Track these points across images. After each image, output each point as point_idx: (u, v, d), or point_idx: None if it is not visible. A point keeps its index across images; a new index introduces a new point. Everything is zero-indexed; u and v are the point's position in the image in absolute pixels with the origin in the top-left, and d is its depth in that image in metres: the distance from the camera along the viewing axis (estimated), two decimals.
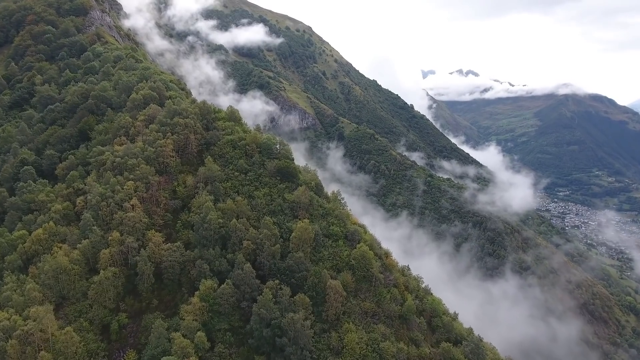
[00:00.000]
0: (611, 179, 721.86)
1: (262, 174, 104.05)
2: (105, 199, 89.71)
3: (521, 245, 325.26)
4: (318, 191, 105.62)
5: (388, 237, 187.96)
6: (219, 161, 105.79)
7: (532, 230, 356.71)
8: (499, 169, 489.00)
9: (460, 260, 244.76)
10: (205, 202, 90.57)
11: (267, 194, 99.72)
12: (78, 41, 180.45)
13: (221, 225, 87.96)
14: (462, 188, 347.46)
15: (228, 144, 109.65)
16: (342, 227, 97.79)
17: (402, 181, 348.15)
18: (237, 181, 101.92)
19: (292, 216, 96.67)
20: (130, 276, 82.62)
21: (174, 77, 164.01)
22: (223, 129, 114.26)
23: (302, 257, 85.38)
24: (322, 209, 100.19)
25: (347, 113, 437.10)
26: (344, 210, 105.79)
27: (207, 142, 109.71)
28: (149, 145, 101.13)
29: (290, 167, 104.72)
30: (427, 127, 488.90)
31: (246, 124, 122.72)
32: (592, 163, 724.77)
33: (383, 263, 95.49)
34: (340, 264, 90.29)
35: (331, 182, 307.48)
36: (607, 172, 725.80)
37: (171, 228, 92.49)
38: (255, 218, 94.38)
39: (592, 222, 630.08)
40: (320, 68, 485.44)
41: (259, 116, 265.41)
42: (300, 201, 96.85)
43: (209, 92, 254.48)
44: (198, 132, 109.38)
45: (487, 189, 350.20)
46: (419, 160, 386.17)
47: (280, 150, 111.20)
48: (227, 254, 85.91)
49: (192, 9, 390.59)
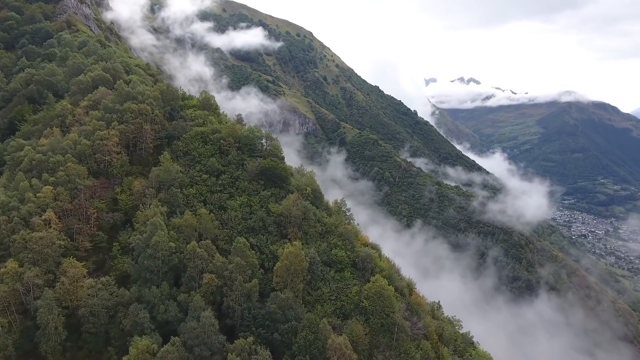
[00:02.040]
0: (617, 187, 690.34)
1: (240, 177, 74.50)
2: (7, 212, 60.14)
3: (537, 258, 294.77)
4: (316, 200, 75.90)
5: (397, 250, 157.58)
6: (182, 160, 76.33)
7: (547, 241, 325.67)
8: (505, 177, 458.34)
9: (481, 278, 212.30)
10: (152, 215, 60.99)
11: (245, 204, 70.00)
12: (43, 28, 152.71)
13: (173, 251, 58.28)
14: (472, 196, 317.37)
15: (197, 137, 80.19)
16: (348, 250, 67.92)
17: (407, 189, 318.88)
18: (206, 186, 72.25)
19: (279, 235, 66.92)
20: (30, 329, 52.75)
21: (142, 62, 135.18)
22: (192, 118, 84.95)
23: (290, 298, 55.48)
24: (321, 225, 70.41)
25: (349, 118, 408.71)
26: (351, 225, 75.86)
27: (169, 135, 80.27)
28: (85, 138, 71.80)
29: (279, 167, 75.18)
30: (431, 133, 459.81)
31: (225, 115, 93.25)
32: (597, 171, 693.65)
33: (408, 303, 65.37)
34: (348, 306, 60.21)
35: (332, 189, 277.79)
36: (613, 180, 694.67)
37: (105, 254, 62.67)
38: (227, 239, 64.71)
39: (599, 231, 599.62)
40: (321, 73, 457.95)
41: (253, 115, 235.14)
42: (291, 214, 67.24)
43: (199, 90, 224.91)
44: (157, 121, 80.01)
45: (498, 197, 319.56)
46: (424, 167, 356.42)
47: (266, 146, 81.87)
48: (180, 293, 56.03)
49: (188, 10, 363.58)
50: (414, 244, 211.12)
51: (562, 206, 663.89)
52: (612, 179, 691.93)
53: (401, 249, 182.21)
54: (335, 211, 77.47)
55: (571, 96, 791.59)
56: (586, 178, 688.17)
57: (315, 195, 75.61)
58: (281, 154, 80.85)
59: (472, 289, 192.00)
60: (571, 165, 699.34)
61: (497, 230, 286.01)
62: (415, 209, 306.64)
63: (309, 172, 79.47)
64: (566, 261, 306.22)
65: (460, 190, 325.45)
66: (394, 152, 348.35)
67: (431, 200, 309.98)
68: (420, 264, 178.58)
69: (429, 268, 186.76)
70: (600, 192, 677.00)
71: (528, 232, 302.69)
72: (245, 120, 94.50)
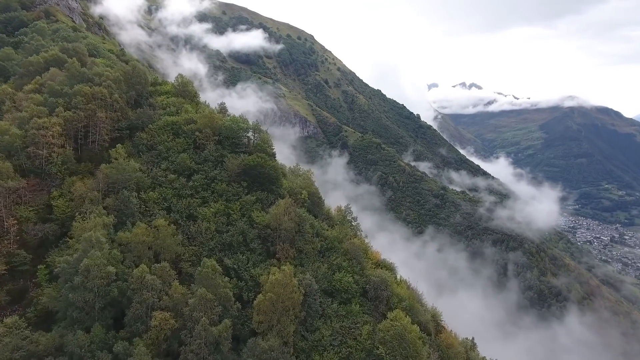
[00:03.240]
0: (621, 193, 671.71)
1: (217, 178, 57.23)
2: None
3: (550, 267, 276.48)
4: (314, 207, 58.42)
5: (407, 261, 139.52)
6: (145, 155, 59.07)
7: (558, 249, 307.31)
8: (511, 182, 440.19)
9: (503, 293, 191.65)
10: (91, 228, 43.71)
11: (222, 213, 52.53)
12: (17, 17, 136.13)
13: (113, 279, 40.91)
14: (479, 202, 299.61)
15: (166, 129, 63.03)
16: (356, 273, 50.35)
17: (412, 194, 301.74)
18: (172, 189, 54.89)
19: (265, 254, 49.40)
20: None
21: (117, 48, 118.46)
22: (164, 106, 67.88)
23: (276, 347, 38.03)
24: (321, 240, 52.90)
25: (350, 122, 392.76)
26: (359, 239, 58.21)
27: (131, 126, 63.03)
28: (16, 127, 54.68)
29: (267, 166, 57.88)
30: (434, 137, 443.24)
31: (207, 105, 75.98)
32: (601, 176, 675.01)
33: (437, 345, 47.66)
34: (357, 354, 42.62)
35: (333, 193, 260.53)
36: (617, 185, 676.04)
37: (27, 280, 45.38)
38: (194, 259, 47.32)
39: (604, 237, 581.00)
40: (323, 76, 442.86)
41: (250, 114, 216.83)
42: (281, 226, 49.75)
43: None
44: (117, 108, 62.88)
45: (506, 203, 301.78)
46: (428, 172, 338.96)
47: (254, 139, 64.69)
48: (118, 340, 38.60)
49: (186, 12, 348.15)
50: (424, 253, 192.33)
51: (566, 212, 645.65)
52: (616, 185, 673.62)
53: (410, 260, 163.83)
54: (338, 221, 60.00)
55: (574, 101, 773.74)
56: (590, 183, 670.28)
57: (313, 200, 58.25)
58: (271, 150, 63.53)
59: (493, 306, 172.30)
60: (575, 170, 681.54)
61: (506, 238, 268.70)
62: (420, 214, 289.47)
63: (306, 172, 62.00)
64: (580, 271, 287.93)
65: (466, 196, 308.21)
66: (397, 156, 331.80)
67: (436, 206, 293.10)
68: (432, 276, 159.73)
69: (444, 281, 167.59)
70: (605, 198, 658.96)
71: (539, 240, 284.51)
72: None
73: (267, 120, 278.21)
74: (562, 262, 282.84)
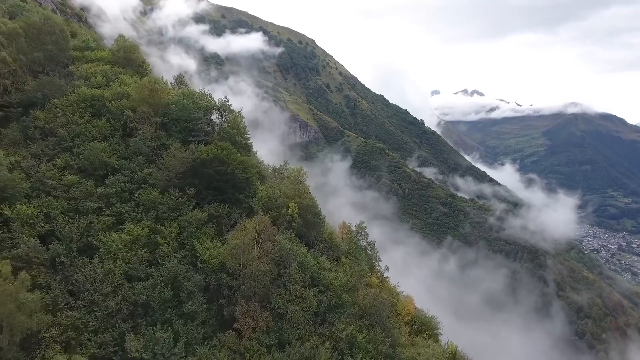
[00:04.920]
0: (628, 200, 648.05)
1: (147, 181, 33.95)
2: None
3: (567, 279, 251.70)
4: (308, 230, 34.61)
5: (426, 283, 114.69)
6: (38, 145, 35.79)
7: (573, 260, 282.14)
8: (518, 189, 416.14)
9: (549, 323, 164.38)
10: None
11: (143, 242, 29.05)
12: None
13: None
14: (490, 210, 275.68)
15: (81, 105, 39.79)
16: (383, 355, 26.64)
17: (418, 201, 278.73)
18: (67, 201, 31.60)
19: (213, 324, 25.73)
20: None
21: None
22: (87, 76, 44.54)
23: None
24: (320, 292, 29.18)
25: (353, 127, 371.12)
26: (383, 281, 34.26)
27: (25, 102, 39.76)
28: None
29: (232, 161, 34.56)
30: (439, 143, 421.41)
31: (162, 78, 51.93)
32: (607, 183, 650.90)
33: None
34: None
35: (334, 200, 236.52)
36: (623, 192, 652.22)
37: None
38: (73, 338, 23.76)
39: (611, 245, 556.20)
40: (324, 81, 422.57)
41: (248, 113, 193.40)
42: (248, 268, 26.27)
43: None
44: (6, 75, 39.78)
45: (518, 210, 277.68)
46: (433, 178, 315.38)
47: (222, 122, 41.46)
48: None
49: (182, 14, 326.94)
50: (443, 271, 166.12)
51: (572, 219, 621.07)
52: (622, 192, 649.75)
53: (429, 280, 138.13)
54: (347, 250, 36.21)
55: (577, 108, 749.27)
56: (595, 191, 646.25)
57: (306, 219, 34.44)
58: (244, 139, 40.12)
59: (538, 337, 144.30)
60: (579, 177, 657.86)
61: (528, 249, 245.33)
62: (427, 223, 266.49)
63: (295, 170, 38.05)
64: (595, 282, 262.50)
65: (476, 204, 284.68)
66: (402, 162, 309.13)
67: (445, 214, 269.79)
68: (457, 301, 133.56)
69: (473, 309, 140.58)
70: (611, 205, 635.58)
71: (555, 251, 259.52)
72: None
73: (264, 124, 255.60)
74: (580, 274, 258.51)
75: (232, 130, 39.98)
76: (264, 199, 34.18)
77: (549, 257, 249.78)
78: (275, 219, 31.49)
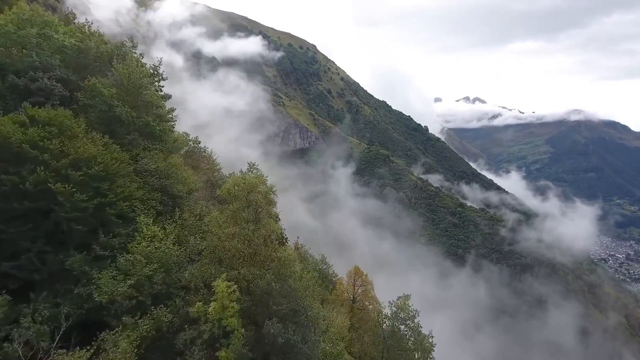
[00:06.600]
0: (634, 208, 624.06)
1: None
2: None
3: (587, 295, 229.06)
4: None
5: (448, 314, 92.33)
6: None
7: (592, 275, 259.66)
8: (526, 197, 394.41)
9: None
10: None
11: None
12: None
13: None
14: (502, 221, 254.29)
15: None
16: None
17: (425, 211, 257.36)
18: None
19: None
20: None
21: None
22: None
23: None
24: None
25: (355, 133, 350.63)
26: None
27: None
28: None
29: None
30: (444, 150, 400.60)
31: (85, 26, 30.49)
32: (612, 191, 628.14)
33: None
34: None
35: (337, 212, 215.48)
36: (629, 200, 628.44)
37: None
38: None
39: (619, 254, 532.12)
40: (326, 86, 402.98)
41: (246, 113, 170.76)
42: None
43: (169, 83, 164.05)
44: None
45: (532, 221, 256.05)
46: (439, 185, 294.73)
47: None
48: None
49: (179, 16, 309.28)
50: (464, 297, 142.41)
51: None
52: (628, 200, 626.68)
53: (450, 312, 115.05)
54: None
55: (580, 115, 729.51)
56: (601, 199, 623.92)
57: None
58: (161, 118, 19.21)
59: None
60: (584, 185, 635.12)
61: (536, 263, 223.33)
62: (436, 234, 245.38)
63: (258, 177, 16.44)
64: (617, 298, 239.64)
65: (487, 214, 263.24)
66: (407, 169, 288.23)
67: (454, 225, 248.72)
68: (491, 339, 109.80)
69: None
70: (617, 213, 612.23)
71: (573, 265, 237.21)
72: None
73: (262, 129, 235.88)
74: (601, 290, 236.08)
75: (123, 96, 19.07)
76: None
77: (568, 272, 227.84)
78: None
